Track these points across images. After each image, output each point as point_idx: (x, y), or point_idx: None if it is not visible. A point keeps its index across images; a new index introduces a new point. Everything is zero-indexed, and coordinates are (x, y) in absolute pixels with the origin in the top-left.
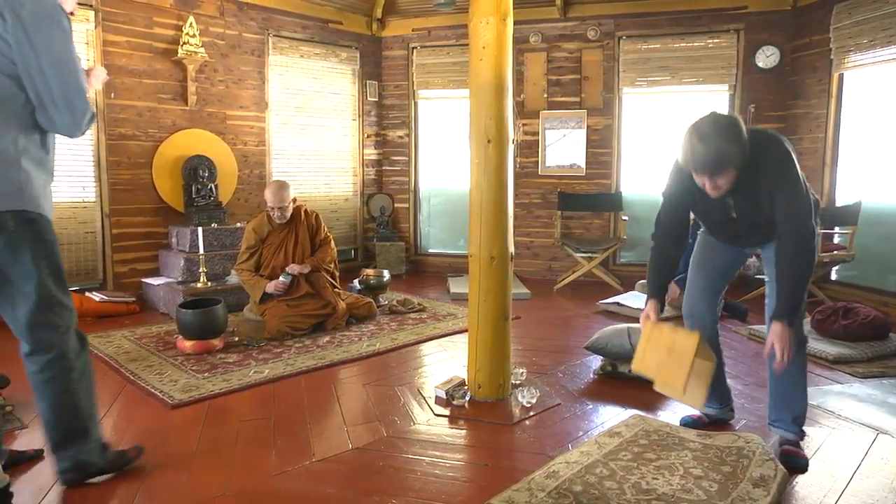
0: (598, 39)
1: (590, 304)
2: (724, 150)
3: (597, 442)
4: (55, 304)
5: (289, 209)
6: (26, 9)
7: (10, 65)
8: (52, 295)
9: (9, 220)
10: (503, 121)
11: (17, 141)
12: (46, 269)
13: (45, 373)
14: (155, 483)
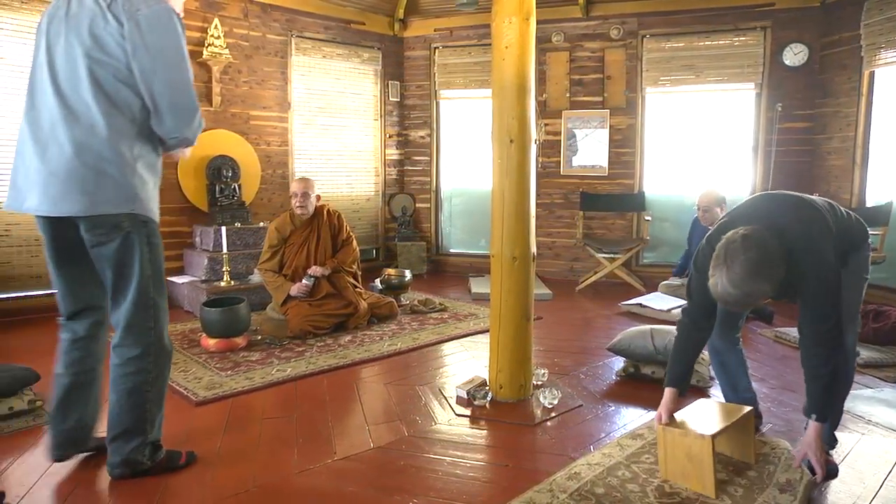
0: (620, 38)
1: (612, 305)
2: (754, 292)
3: (619, 444)
4: (151, 307)
5: (312, 202)
6: (141, 13)
7: (127, 72)
8: (150, 296)
9: (124, 221)
10: (526, 120)
11: (133, 146)
12: (149, 271)
13: (124, 368)
14: (179, 479)
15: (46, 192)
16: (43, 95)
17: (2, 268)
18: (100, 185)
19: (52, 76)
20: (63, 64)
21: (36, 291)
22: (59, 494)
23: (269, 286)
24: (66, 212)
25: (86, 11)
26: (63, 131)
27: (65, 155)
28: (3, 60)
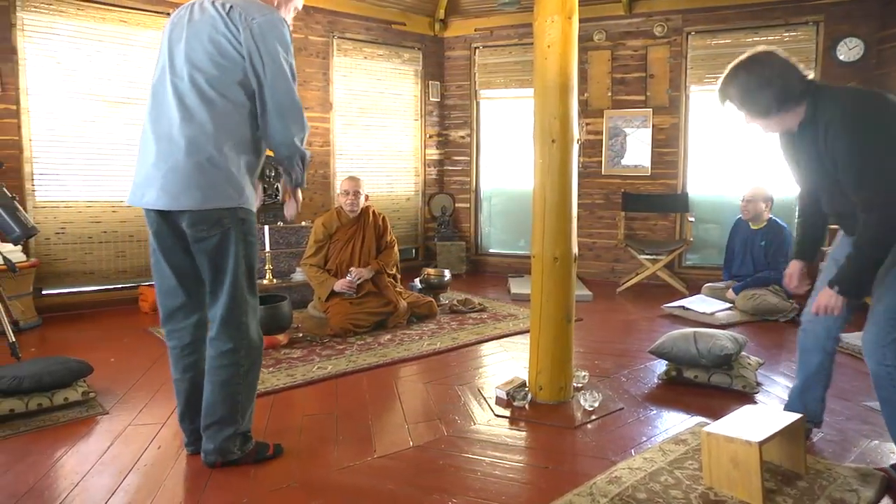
0: (664, 36)
1: (654, 308)
2: (725, 83)
3: (661, 449)
4: (244, 303)
5: (360, 200)
6: (256, 21)
7: (241, 75)
8: (243, 293)
9: (225, 216)
10: (568, 120)
11: (238, 146)
12: (244, 267)
13: (219, 360)
14: (222, 474)
15: (164, 188)
16: (164, 97)
17: (58, 264)
18: (206, 181)
19: (171, 78)
20: (182, 67)
21: (89, 287)
22: (111, 482)
23: (313, 281)
24: (175, 206)
25: (206, 18)
26: (179, 130)
27: (180, 152)
28: (60, 65)
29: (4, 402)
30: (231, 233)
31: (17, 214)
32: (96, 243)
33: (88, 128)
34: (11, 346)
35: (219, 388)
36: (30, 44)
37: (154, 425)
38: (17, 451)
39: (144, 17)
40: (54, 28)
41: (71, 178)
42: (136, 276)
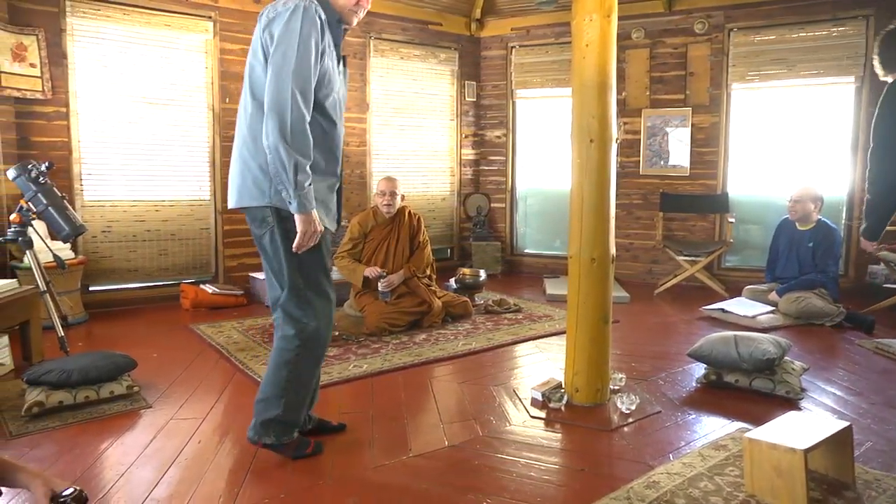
0: (705, 33)
1: (692, 310)
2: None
3: (700, 454)
4: (299, 297)
5: (397, 201)
6: (268, 15)
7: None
8: (299, 287)
9: (268, 215)
10: (607, 120)
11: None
12: (294, 263)
13: (278, 343)
14: (260, 469)
15: (229, 188)
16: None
17: (104, 261)
18: (248, 181)
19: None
20: (245, 68)
21: (133, 284)
22: (154, 474)
23: (345, 271)
24: (230, 205)
25: (266, 17)
26: (236, 132)
27: (235, 153)
28: (107, 68)
29: (54, 395)
30: (275, 231)
31: (67, 213)
32: (140, 241)
33: (133, 129)
34: (60, 340)
35: (272, 369)
36: (79, 48)
37: (195, 420)
38: (65, 441)
39: (187, 21)
40: (101, 33)
41: (116, 178)
42: (177, 273)
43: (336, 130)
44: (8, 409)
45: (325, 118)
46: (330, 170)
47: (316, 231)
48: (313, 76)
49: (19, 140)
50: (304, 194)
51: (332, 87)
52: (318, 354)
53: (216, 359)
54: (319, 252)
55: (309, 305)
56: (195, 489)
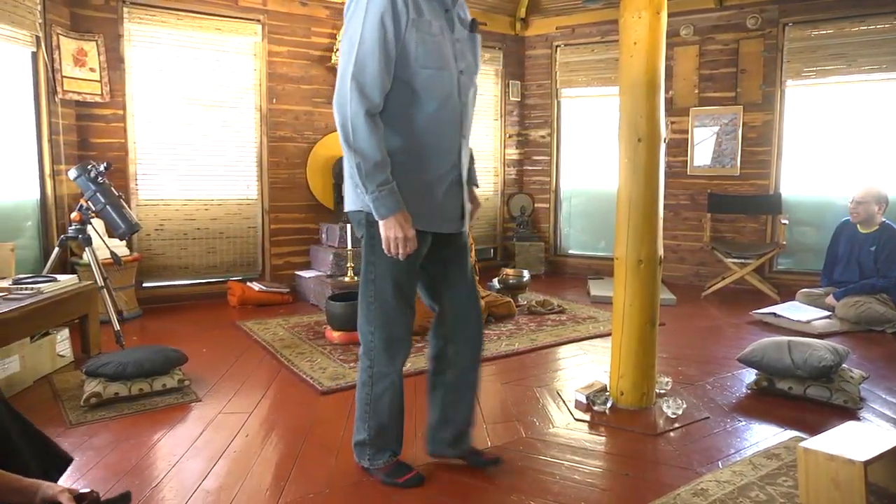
0: (758, 28)
1: (741, 314)
2: None
3: (751, 462)
4: (370, 310)
5: None
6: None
7: None
8: (370, 299)
9: (362, 219)
10: (655, 119)
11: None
12: (371, 273)
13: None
14: (305, 464)
15: None
16: None
17: (157, 258)
18: (348, 183)
19: None
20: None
21: (184, 281)
22: (203, 466)
23: None
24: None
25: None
26: None
27: None
28: (162, 72)
29: (110, 386)
30: (365, 236)
31: (123, 212)
32: (190, 239)
33: (184, 130)
34: (116, 334)
35: (356, 388)
36: (135, 53)
37: (242, 414)
38: (121, 431)
39: (237, 24)
40: (156, 37)
41: (168, 177)
42: (225, 271)
43: (439, 114)
44: (68, 399)
45: (415, 101)
46: (433, 162)
47: (405, 237)
48: (382, 61)
49: (79, 141)
50: (379, 197)
51: (428, 63)
52: (394, 381)
53: (262, 355)
54: (406, 262)
55: (375, 317)
56: (243, 482)
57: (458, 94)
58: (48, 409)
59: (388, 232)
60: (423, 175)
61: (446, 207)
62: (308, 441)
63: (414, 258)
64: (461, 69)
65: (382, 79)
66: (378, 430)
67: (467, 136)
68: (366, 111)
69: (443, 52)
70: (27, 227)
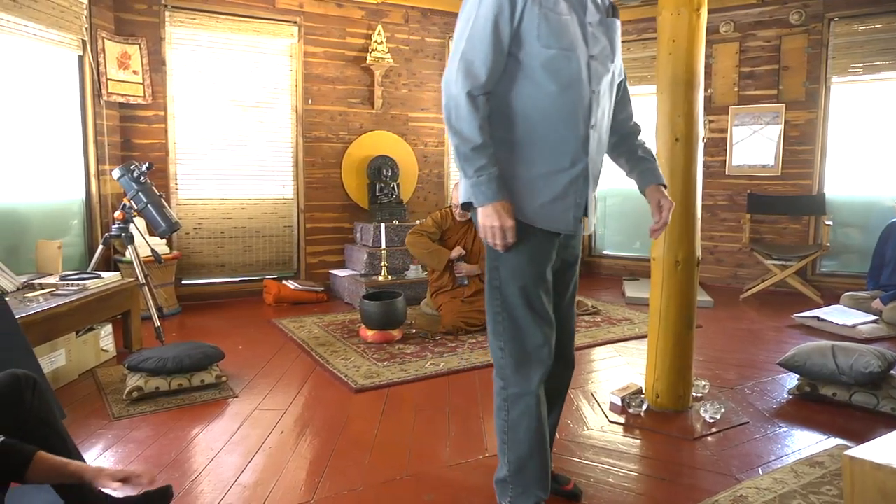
0: (802, 24)
1: (782, 317)
2: None
3: (793, 470)
4: (499, 322)
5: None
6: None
7: None
8: (498, 311)
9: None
10: (693, 118)
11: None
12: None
13: None
14: (339, 462)
15: None
16: None
17: (195, 257)
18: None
19: None
20: None
21: (221, 279)
22: (240, 461)
23: (420, 248)
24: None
25: None
26: None
27: None
28: (201, 73)
29: (151, 381)
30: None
31: (164, 211)
32: (227, 238)
33: (222, 131)
34: (157, 330)
35: (494, 415)
36: (176, 55)
37: (277, 411)
38: (161, 425)
39: (274, 26)
40: (196, 40)
41: (207, 177)
42: (260, 269)
43: (558, 100)
44: (111, 393)
45: (532, 84)
46: (552, 151)
47: (501, 227)
48: (494, 38)
49: (123, 142)
50: (477, 182)
51: (551, 42)
52: (529, 404)
53: (297, 353)
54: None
55: (507, 331)
56: (278, 477)
57: (588, 81)
58: (93, 401)
59: (484, 220)
60: (539, 165)
61: (562, 204)
62: (342, 439)
63: (542, 262)
64: (593, 54)
65: (493, 57)
66: (518, 466)
67: (600, 129)
68: (468, 91)
69: (569, 32)
70: (73, 225)
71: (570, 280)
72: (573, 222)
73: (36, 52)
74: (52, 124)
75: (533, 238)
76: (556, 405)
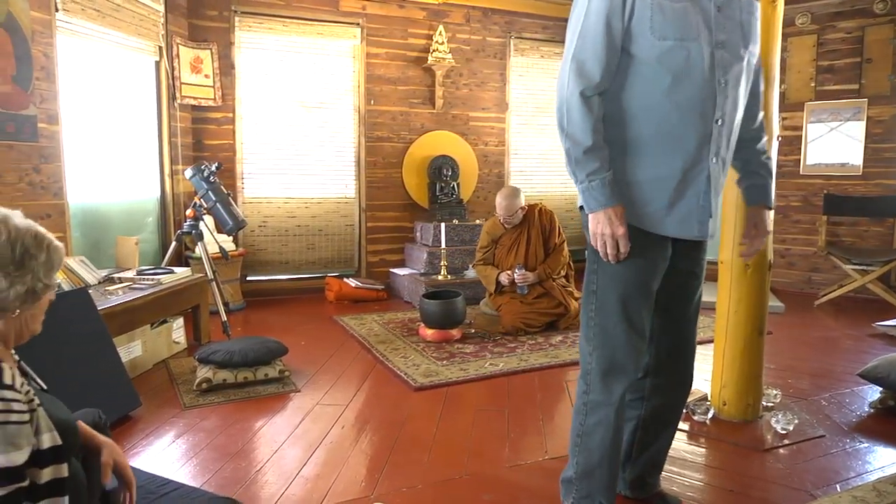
0: (887, 13)
1: (861, 325)
2: None
3: (875, 489)
4: (587, 325)
5: (517, 216)
6: None
7: None
8: (590, 313)
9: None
10: (768, 115)
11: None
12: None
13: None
14: (398, 458)
15: None
16: None
17: (259, 254)
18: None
19: None
20: None
21: (283, 276)
22: (302, 454)
23: (482, 278)
24: None
25: None
26: None
27: None
28: (267, 76)
29: (219, 373)
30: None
31: (232, 209)
32: (291, 236)
33: (287, 131)
34: (224, 324)
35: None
36: (244, 58)
37: (338, 406)
38: (228, 416)
39: (337, 28)
40: (263, 44)
41: (272, 176)
42: (322, 267)
43: (682, 92)
44: (182, 383)
45: (646, 80)
46: (670, 151)
47: (612, 234)
48: (606, 35)
49: (194, 143)
50: (589, 187)
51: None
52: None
53: (358, 349)
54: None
55: (595, 339)
56: (339, 472)
57: (712, 71)
58: (166, 391)
59: (595, 227)
60: (657, 166)
61: (682, 208)
62: (402, 436)
63: (647, 271)
64: (719, 40)
65: (606, 54)
66: (585, 471)
67: (729, 124)
68: (581, 91)
69: (687, 20)
70: (148, 222)
71: (692, 291)
72: (697, 227)
73: (118, 58)
74: (130, 127)
75: (642, 244)
76: (669, 424)
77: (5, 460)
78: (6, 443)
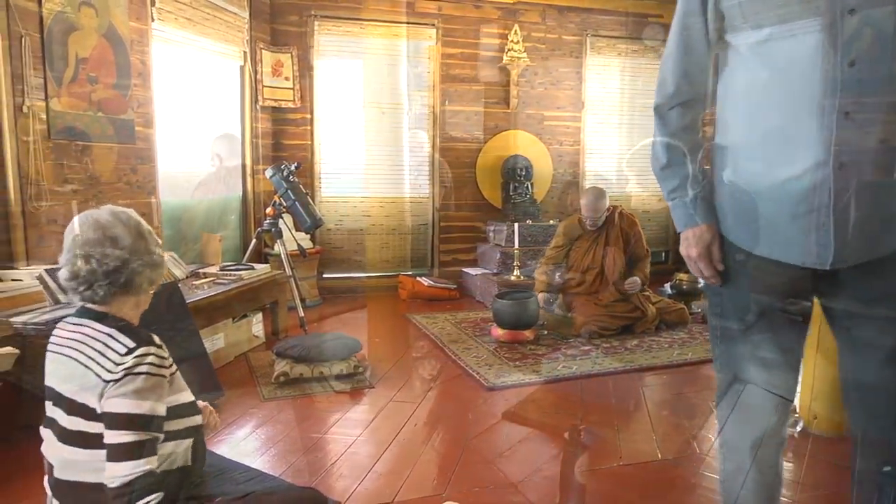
0: None
1: None
2: None
3: None
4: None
5: (602, 217)
6: None
7: None
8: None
9: None
10: None
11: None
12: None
13: None
14: (470, 458)
15: None
16: None
17: (335, 252)
18: None
19: None
20: None
21: (358, 273)
22: (375, 450)
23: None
24: None
25: None
26: None
27: None
28: (344, 78)
29: (296, 367)
30: None
31: (310, 208)
32: (366, 235)
33: (362, 131)
34: (301, 320)
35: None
36: (322, 61)
37: (411, 404)
38: (303, 409)
39: (413, 30)
40: (340, 46)
41: (348, 176)
42: (396, 265)
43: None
44: (261, 376)
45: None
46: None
47: (696, 255)
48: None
49: (273, 144)
50: (673, 206)
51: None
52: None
53: (430, 347)
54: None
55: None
56: (411, 469)
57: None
58: (245, 383)
59: (681, 247)
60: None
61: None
62: (474, 436)
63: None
64: (852, 6)
65: (682, 60)
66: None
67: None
68: (657, 105)
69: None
70: (231, 220)
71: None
72: (816, 251)
73: (206, 63)
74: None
75: (743, 266)
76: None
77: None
78: (159, 394)
